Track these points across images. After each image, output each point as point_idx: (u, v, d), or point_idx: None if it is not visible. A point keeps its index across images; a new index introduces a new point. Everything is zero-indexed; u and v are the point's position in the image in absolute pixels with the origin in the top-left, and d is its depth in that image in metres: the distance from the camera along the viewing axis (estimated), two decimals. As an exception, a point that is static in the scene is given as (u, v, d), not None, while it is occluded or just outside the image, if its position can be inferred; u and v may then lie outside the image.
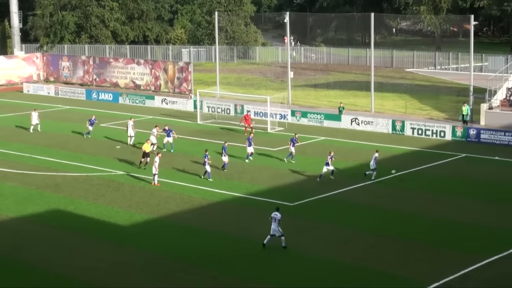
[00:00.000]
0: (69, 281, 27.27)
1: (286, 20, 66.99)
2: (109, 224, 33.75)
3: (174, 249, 30.34)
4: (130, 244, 31.08)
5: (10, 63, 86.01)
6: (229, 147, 44.98)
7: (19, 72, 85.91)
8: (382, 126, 54.76)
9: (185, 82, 74.01)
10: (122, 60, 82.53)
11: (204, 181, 40.70)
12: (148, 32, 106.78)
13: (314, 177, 41.51)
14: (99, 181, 41.12)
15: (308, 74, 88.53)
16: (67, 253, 30.06)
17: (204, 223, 33.70)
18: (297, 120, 58.86)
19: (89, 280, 27.30)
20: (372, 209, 35.49)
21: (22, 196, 37.97)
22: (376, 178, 40.58)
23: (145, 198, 37.66)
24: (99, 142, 52.00)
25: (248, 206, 36.47)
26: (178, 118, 61.67)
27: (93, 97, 74.30)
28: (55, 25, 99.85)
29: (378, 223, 33.32)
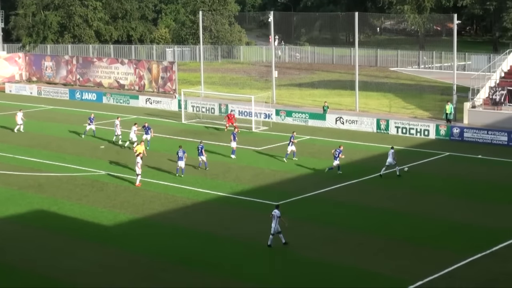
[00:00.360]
0: (52, 282, 27.09)
1: (270, 20, 67.02)
2: (93, 225, 33.58)
3: (158, 249, 30.22)
4: (114, 245, 30.93)
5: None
6: (214, 146, 44.85)
7: (1, 72, 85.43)
8: (367, 125, 54.89)
9: (170, 81, 73.87)
10: (106, 59, 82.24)
11: (188, 180, 40.60)
12: (132, 31, 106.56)
13: (298, 176, 41.55)
14: (82, 181, 40.92)
15: (292, 73, 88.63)
16: (50, 254, 29.87)
17: (189, 223, 33.62)
18: (281, 119, 58.88)
19: (73, 281, 27.13)
20: (356, 208, 35.52)
21: (4, 196, 37.71)
22: (361, 176, 40.68)
23: (129, 198, 37.52)
24: (82, 142, 51.76)
25: (232, 206, 36.41)
26: (162, 118, 61.52)
27: (77, 97, 73.98)
28: (37, 24, 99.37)
29: (362, 222, 33.35)
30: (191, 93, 66.63)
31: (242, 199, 37.32)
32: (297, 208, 35.66)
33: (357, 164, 44.35)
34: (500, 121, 53.61)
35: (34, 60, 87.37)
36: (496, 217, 33.87)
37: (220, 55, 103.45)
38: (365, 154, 47.10)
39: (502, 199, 36.71)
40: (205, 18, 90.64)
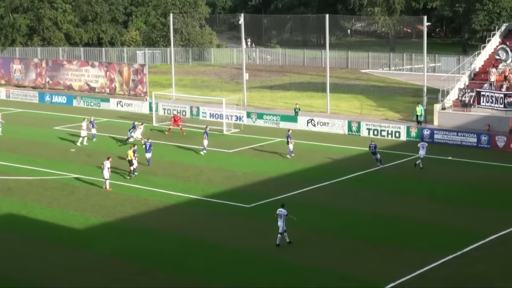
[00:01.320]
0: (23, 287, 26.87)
1: (241, 22, 67.06)
2: (64, 228, 33.36)
3: (131, 252, 30.11)
4: (86, 248, 30.77)
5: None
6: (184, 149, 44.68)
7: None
8: (338, 127, 55.14)
9: (140, 84, 73.57)
10: (76, 62, 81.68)
11: (160, 183, 40.49)
12: (102, 34, 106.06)
13: (270, 178, 41.62)
14: (53, 185, 40.63)
15: (263, 75, 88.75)
16: (20, 259, 29.62)
17: (161, 226, 33.53)
18: (253, 121, 58.94)
19: (45, 285, 26.95)
20: (328, 209, 35.70)
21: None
22: (333, 178, 40.90)
23: (100, 201, 37.33)
24: (52, 145, 51.36)
25: (204, 208, 36.38)
26: (133, 120, 61.09)
27: (46, 100, 73.39)
28: (6, 27, 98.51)
29: (334, 223, 33.53)
30: (162, 95, 66.42)
31: (214, 202, 37.30)
32: (268, 210, 35.66)
33: (329, 166, 44.54)
34: (469, 122, 54.18)
35: (2, 63, 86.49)
36: (466, 218, 34.20)
37: (191, 58, 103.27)
38: (337, 156, 47.31)
39: (473, 201, 37.09)
40: (175, 20, 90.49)
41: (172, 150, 49.52)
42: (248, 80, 70.52)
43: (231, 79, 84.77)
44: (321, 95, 67.65)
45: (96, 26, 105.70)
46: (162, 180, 41.48)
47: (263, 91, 76.43)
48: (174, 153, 48.62)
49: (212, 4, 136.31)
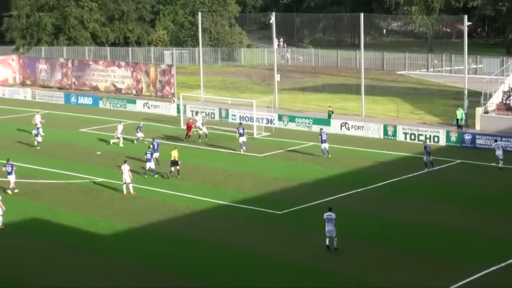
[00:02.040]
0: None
1: (272, 21, 66.93)
2: (89, 234, 33.52)
3: (156, 260, 30.16)
4: (111, 254, 30.91)
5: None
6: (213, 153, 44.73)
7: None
8: (373, 131, 54.81)
9: (168, 85, 73.88)
10: (102, 62, 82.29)
11: (187, 188, 40.55)
12: (129, 33, 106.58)
13: (302, 184, 41.48)
14: (78, 189, 40.91)
15: (295, 77, 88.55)
16: (45, 264, 29.86)
17: (188, 233, 33.55)
18: (284, 124, 58.82)
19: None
20: (362, 216, 35.44)
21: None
22: (368, 184, 40.63)
23: (126, 206, 37.47)
24: (78, 148, 51.70)
25: (233, 215, 36.34)
26: (160, 123, 61.48)
27: (72, 101, 73.98)
28: (31, 26, 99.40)
29: (369, 231, 33.25)
30: (190, 97, 66.63)
31: (244, 208, 37.24)
32: (301, 217, 35.60)
33: (363, 172, 44.26)
34: (513, 127, 53.45)
35: (28, 63, 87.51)
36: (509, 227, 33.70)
37: (220, 58, 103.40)
38: (372, 161, 46.99)
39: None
40: (204, 19, 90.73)
41: (200, 153, 49.56)
42: (280, 81, 70.39)
43: (262, 80, 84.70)
44: (356, 97, 67.30)
45: (122, 25, 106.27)
46: (190, 184, 41.53)
47: (295, 93, 76.27)
48: (202, 156, 48.66)
49: (242, 3, 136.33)
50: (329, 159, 46.77)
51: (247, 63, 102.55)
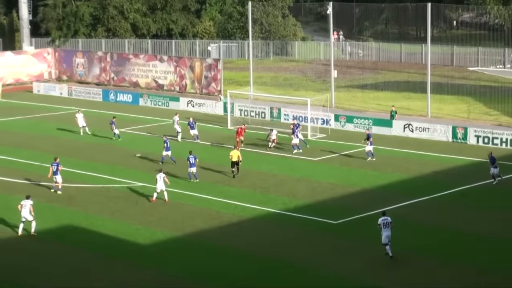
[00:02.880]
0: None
1: (329, 12, 66.87)
2: (127, 243, 33.98)
3: (199, 272, 30.48)
4: (151, 265, 31.30)
5: (19, 59, 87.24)
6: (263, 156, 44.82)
7: (29, 69, 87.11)
8: (441, 133, 54.43)
9: (214, 81, 74.35)
10: (143, 56, 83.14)
11: (235, 195, 40.84)
12: (172, 24, 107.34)
13: (360, 191, 41.43)
14: (116, 194, 41.49)
15: (354, 73, 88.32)
16: (80, 274, 30.39)
17: (235, 243, 33.82)
18: (341, 125, 58.76)
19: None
20: (427, 228, 35.28)
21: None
22: (433, 192, 40.41)
23: (167, 214, 37.90)
24: (116, 150, 52.39)
25: (284, 224, 36.48)
26: (206, 123, 61.87)
27: (111, 99, 74.94)
28: (68, 16, 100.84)
29: (434, 244, 33.09)
30: (239, 95, 66.83)
31: (296, 217, 37.36)
32: (358, 227, 35.60)
33: (428, 178, 44.00)
34: None
35: (65, 56, 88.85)
36: None
37: (272, 52, 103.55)
38: (438, 167, 46.67)
39: None
40: (255, 9, 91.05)
41: (249, 157, 49.81)
42: (337, 78, 70.24)
43: (317, 77, 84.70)
44: (421, 96, 66.88)
45: (165, 15, 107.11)
46: (237, 190, 41.82)
47: (354, 91, 76.11)
48: (251, 160, 48.89)
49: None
50: (387, 165, 46.61)
51: (301, 57, 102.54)
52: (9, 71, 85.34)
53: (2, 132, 59.75)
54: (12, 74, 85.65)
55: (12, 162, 49.54)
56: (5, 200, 40.86)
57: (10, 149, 53.19)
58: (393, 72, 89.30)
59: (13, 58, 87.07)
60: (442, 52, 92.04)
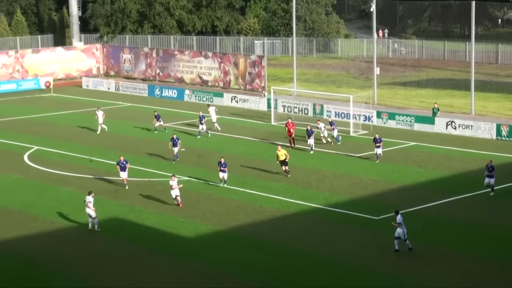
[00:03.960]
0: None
1: (372, 9, 66.53)
2: (172, 236, 34.16)
3: (243, 265, 30.55)
4: (195, 259, 31.43)
5: (69, 55, 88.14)
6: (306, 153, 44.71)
7: (78, 65, 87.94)
8: (484, 131, 53.80)
9: (258, 78, 74.34)
10: (188, 52, 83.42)
11: (278, 190, 40.83)
12: (217, 21, 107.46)
13: (402, 188, 41.20)
14: (161, 188, 41.66)
15: (396, 70, 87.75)
16: (126, 267, 30.65)
17: (278, 237, 33.82)
18: (383, 122, 58.42)
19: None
20: (469, 226, 34.96)
21: (80, 202, 38.67)
22: (475, 190, 39.98)
23: (212, 208, 38.01)
24: (162, 144, 52.61)
25: (326, 219, 36.40)
26: (249, 118, 61.97)
27: (156, 94, 75.35)
28: (116, 13, 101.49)
29: (475, 242, 32.78)
30: (282, 91, 66.75)
31: (337, 212, 37.26)
32: (400, 224, 35.43)
33: (471, 176, 43.51)
34: None
35: (112, 52, 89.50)
36: None
37: (315, 49, 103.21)
38: (482, 164, 46.00)
39: None
40: (299, 7, 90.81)
41: (292, 152, 49.71)
42: (379, 75, 69.82)
43: (360, 74, 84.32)
44: (464, 93, 66.22)
45: (210, 12, 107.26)
46: (280, 185, 41.82)
47: (396, 88, 75.59)
48: (293, 155, 48.79)
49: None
50: (429, 161, 46.27)
51: (344, 55, 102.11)
52: (60, 66, 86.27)
53: (53, 125, 60.49)
54: (63, 69, 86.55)
55: (63, 155, 50.11)
56: (56, 192, 41.40)
57: (61, 142, 53.82)
58: (436, 69, 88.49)
59: (64, 53, 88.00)
60: (486, 50, 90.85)
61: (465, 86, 67.09)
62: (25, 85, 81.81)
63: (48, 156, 50.03)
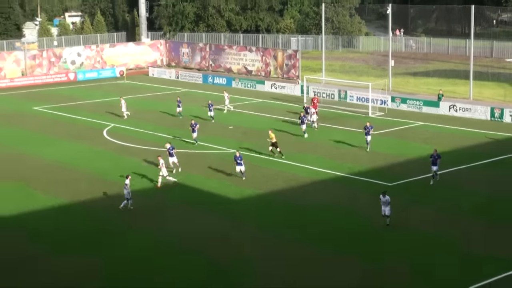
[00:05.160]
0: (192, 254, 27.99)
1: (388, 12, 65.70)
2: (220, 197, 34.25)
3: (279, 222, 30.62)
4: (240, 218, 31.56)
5: (138, 49, 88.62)
6: (333, 130, 44.41)
7: (146, 57, 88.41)
8: (480, 113, 53.04)
9: (293, 68, 74.01)
10: (235, 47, 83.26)
11: (309, 160, 40.68)
12: (259, 22, 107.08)
13: (411, 160, 40.82)
14: (214, 158, 41.81)
15: (408, 62, 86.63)
16: (187, 223, 30.88)
17: (310, 200, 33.77)
18: (396, 105, 57.82)
19: (202, 249, 27.96)
20: (469, 192, 34.56)
21: (146, 170, 39.06)
22: (472, 162, 39.49)
23: (254, 175, 37.99)
24: (213, 123, 52.77)
25: (349, 185, 36.25)
26: (285, 102, 61.79)
27: (209, 81, 75.40)
28: (177, 14, 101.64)
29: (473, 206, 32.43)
30: (313, 79, 66.44)
31: (358, 179, 37.07)
32: (409, 189, 35.22)
33: (469, 150, 42.96)
34: None
35: (173, 47, 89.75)
36: None
37: (340, 45, 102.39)
38: (478, 141, 45.56)
39: None
40: (327, 9, 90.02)
41: (320, 130, 49.55)
42: (394, 66, 69.04)
43: (378, 65, 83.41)
44: (464, 82, 65.23)
45: (254, 14, 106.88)
46: (310, 156, 41.67)
47: (407, 77, 74.70)
48: (322, 133, 48.65)
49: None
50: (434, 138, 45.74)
51: (365, 49, 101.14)
52: (131, 58, 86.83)
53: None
54: (134, 60, 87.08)
55: (133, 131, 50.47)
56: (128, 162, 41.78)
57: (132, 120, 54.11)
58: (441, 62, 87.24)
59: (134, 48, 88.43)
60: (483, 46, 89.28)
61: (465, 76, 66.06)
62: (104, 74, 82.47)
63: (122, 132, 50.42)
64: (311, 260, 26.48)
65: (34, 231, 30.49)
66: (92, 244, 28.65)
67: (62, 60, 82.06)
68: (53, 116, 57.36)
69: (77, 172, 39.43)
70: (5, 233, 30.36)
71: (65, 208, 33.32)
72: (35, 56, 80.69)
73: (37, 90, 72.69)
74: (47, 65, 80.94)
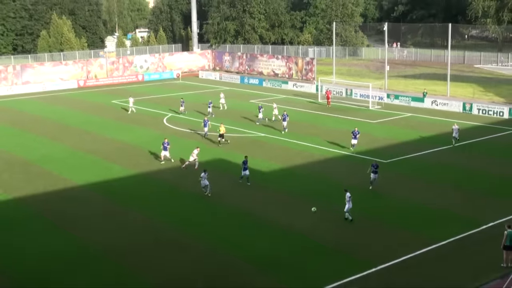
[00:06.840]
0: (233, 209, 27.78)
1: (384, 29, 64.46)
2: (253, 170, 33.95)
3: (300, 191, 30.28)
4: (268, 187, 31.23)
5: (191, 57, 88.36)
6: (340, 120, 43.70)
7: (197, 63, 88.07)
8: (455, 106, 51.89)
9: (310, 72, 73.15)
10: (266, 56, 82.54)
11: (322, 142, 40.13)
12: (284, 36, 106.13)
13: (402, 143, 40.05)
14: (248, 140, 41.48)
15: (400, 67, 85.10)
16: (223, 189, 30.61)
17: (323, 171, 33.39)
18: (391, 100, 56.82)
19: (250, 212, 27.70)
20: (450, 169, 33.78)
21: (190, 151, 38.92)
22: (449, 144, 38.60)
23: (280, 153, 37.69)
24: (247, 113, 52.32)
25: (352, 161, 35.73)
26: (304, 97, 61.13)
27: (245, 82, 74.90)
28: (220, 31, 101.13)
29: (453, 179, 31.66)
30: (326, 80, 65.62)
31: (359, 157, 36.50)
32: (402, 165, 34.54)
33: (447, 136, 41.98)
34: None
35: (218, 55, 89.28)
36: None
37: (347, 54, 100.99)
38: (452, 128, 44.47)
39: None
40: (337, 26, 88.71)
41: (329, 118, 48.88)
42: (389, 70, 67.87)
43: (376, 69, 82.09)
44: (443, 83, 63.87)
45: (280, 30, 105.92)
46: (321, 139, 41.17)
47: (399, 79, 73.36)
48: (332, 122, 47.99)
49: (364, 15, 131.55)
50: (419, 126, 44.82)
51: (366, 58, 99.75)
52: (185, 64, 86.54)
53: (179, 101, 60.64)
54: (187, 66, 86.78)
55: (187, 119, 50.26)
56: (183, 143, 41.41)
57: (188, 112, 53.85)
58: (426, 67, 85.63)
59: (188, 56, 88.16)
60: (457, 55, 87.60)
61: (443, 78, 64.71)
62: (164, 76, 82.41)
63: (178, 120, 50.30)
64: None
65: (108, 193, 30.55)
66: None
67: (133, 65, 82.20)
68: (126, 107, 57.41)
69: (141, 150, 39.40)
70: (91, 193, 30.46)
71: (135, 177, 33.27)
72: (114, 62, 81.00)
73: (115, 88, 72.97)
74: (122, 68, 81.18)
